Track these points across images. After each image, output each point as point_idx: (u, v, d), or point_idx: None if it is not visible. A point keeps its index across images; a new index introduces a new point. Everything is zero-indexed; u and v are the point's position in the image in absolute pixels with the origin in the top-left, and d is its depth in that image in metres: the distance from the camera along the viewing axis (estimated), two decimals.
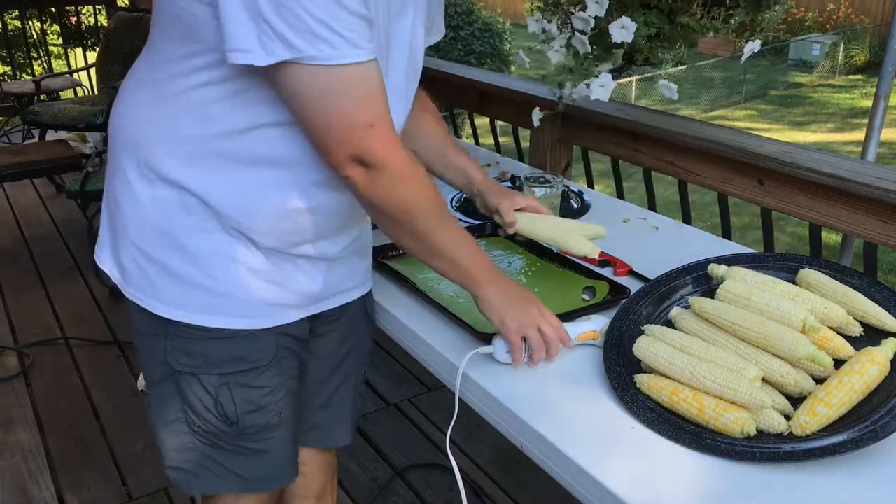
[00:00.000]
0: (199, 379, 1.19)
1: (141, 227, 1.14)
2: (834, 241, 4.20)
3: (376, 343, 1.49)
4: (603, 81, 1.65)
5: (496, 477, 2.38)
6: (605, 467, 0.99)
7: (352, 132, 1.00)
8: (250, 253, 1.14)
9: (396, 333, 1.40)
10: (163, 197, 1.11)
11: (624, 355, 1.18)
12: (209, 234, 1.12)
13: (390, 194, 1.06)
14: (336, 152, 1.02)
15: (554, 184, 1.63)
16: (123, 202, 1.16)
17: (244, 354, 1.19)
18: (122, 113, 1.17)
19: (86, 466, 2.43)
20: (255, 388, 1.22)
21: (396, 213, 1.09)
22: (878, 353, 1.07)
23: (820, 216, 1.73)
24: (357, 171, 1.03)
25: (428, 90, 1.40)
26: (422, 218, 1.10)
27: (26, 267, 3.78)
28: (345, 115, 0.99)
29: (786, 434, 1.01)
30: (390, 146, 1.04)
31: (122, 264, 1.19)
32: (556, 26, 1.69)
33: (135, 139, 1.13)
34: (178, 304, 1.16)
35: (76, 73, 6.17)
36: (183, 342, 1.18)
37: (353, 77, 0.98)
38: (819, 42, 14.64)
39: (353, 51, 0.96)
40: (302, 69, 0.95)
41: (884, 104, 1.84)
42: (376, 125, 1.01)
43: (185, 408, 1.21)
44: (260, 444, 1.26)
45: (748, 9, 1.60)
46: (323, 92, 0.97)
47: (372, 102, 1.01)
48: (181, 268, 1.14)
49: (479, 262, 1.17)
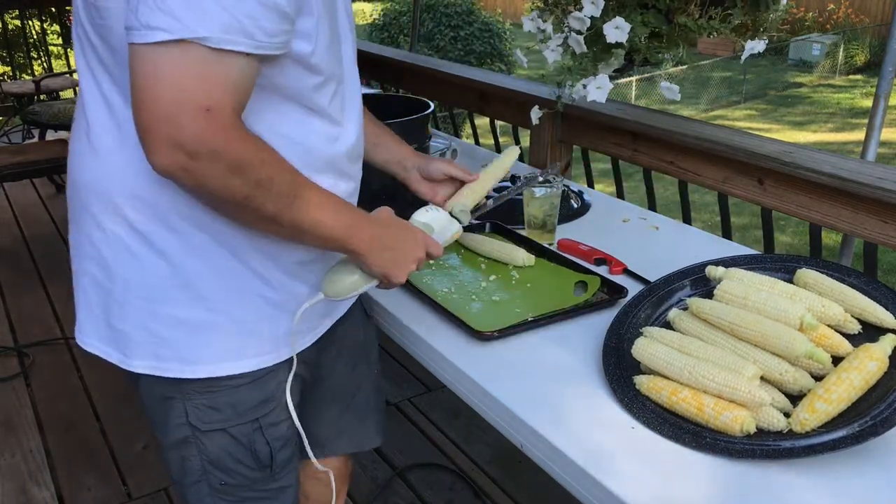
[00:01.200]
0: (229, 433, 1.13)
1: (142, 282, 1.05)
2: (834, 241, 4.20)
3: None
4: (600, 82, 1.65)
5: (496, 477, 2.38)
6: (605, 467, 0.99)
7: (184, 114, 0.87)
8: (264, 283, 1.09)
9: (396, 333, 1.40)
10: (162, 240, 1.03)
11: (623, 357, 1.19)
12: (225, 271, 1.05)
13: (224, 185, 0.91)
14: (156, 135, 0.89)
15: (554, 184, 1.63)
16: (116, 264, 1.06)
17: (272, 393, 1.14)
18: (82, 157, 1.07)
19: (86, 466, 2.43)
20: (282, 423, 1.18)
21: (238, 201, 0.94)
22: (877, 349, 1.07)
23: (820, 216, 1.73)
24: (180, 161, 0.89)
25: (428, 90, 1.40)
26: (270, 197, 0.94)
27: (26, 267, 3.78)
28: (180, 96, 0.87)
29: (785, 431, 1.01)
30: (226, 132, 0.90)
31: (122, 336, 1.09)
32: (551, 25, 1.69)
33: (107, 182, 1.04)
34: (205, 360, 1.08)
35: (76, 73, 6.17)
36: (206, 398, 1.11)
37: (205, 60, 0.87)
38: (819, 42, 14.63)
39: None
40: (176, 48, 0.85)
41: (884, 104, 1.84)
42: (213, 110, 0.88)
43: (209, 468, 1.15)
44: (284, 480, 1.23)
45: (746, 9, 1.60)
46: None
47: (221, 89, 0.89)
48: (202, 318, 1.06)
49: (352, 232, 1.05)
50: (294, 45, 0.96)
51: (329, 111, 1.08)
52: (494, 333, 1.26)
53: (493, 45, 10.95)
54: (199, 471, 1.16)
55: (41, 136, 4.81)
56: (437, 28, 10.79)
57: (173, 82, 0.85)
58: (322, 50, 1.01)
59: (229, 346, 1.08)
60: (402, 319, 1.37)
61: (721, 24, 1.59)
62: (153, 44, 0.84)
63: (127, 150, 1.00)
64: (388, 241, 1.10)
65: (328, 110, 1.08)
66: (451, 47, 10.71)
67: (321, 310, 1.20)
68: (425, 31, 10.72)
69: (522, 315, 1.33)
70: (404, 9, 11.13)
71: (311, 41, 0.98)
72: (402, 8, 11.24)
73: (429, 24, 10.77)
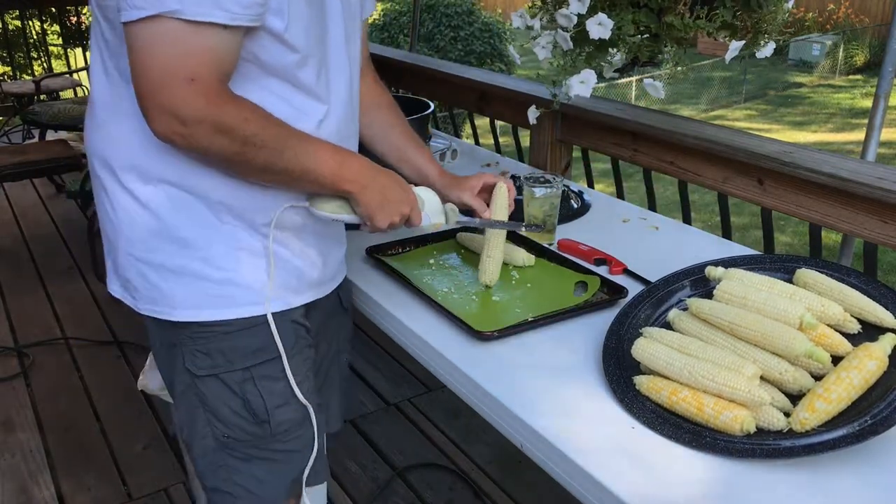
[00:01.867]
0: (221, 380, 1.19)
1: (136, 236, 1.15)
2: (834, 241, 4.20)
3: (376, 343, 1.49)
4: (584, 77, 1.64)
5: (496, 477, 2.38)
6: (605, 467, 0.99)
7: (171, 83, 0.97)
8: (250, 237, 1.16)
9: (396, 333, 1.40)
10: (150, 199, 1.12)
11: (623, 358, 1.19)
12: (207, 224, 1.13)
13: (214, 145, 1.02)
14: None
15: (554, 184, 1.63)
16: (112, 216, 1.17)
17: (264, 344, 1.19)
18: (90, 128, 1.19)
19: (86, 466, 2.43)
20: (281, 379, 1.22)
21: (229, 157, 1.05)
22: (876, 348, 1.07)
23: (820, 216, 1.73)
24: (171, 126, 0.99)
25: (428, 90, 1.41)
26: (259, 151, 1.05)
27: (26, 267, 3.78)
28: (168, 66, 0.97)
29: (785, 430, 1.01)
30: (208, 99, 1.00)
31: (128, 282, 1.20)
32: (538, 23, 1.68)
33: (106, 149, 1.15)
34: (191, 305, 1.16)
35: (76, 73, 6.18)
36: (200, 344, 1.18)
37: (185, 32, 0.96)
38: (819, 42, 14.64)
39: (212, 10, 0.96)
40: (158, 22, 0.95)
41: (884, 104, 1.84)
42: (197, 80, 0.98)
43: (211, 419, 1.21)
44: (292, 444, 1.26)
45: (737, 8, 1.59)
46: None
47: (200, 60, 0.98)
48: (188, 266, 1.14)
49: (342, 174, 1.14)
50: (267, 19, 1.04)
51: (316, 90, 1.16)
52: (494, 333, 1.26)
53: (493, 45, 10.95)
54: (204, 421, 1.21)
55: (41, 136, 4.80)
56: (437, 28, 10.78)
57: (157, 55, 0.96)
58: (298, 29, 1.08)
59: (213, 292, 1.16)
60: (402, 319, 1.37)
61: (708, 23, 1.58)
62: (138, 21, 0.94)
63: (121, 121, 1.11)
64: (378, 187, 1.18)
65: (315, 89, 1.15)
66: (451, 47, 10.71)
67: (312, 278, 1.27)
68: (425, 31, 10.72)
69: (522, 315, 1.33)
70: (404, 9, 11.12)
71: (283, 18, 1.05)
72: (402, 8, 11.23)
73: (429, 24, 10.77)
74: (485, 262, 1.42)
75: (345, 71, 1.23)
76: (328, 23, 1.17)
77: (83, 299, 3.47)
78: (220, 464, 1.23)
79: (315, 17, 1.12)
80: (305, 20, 1.10)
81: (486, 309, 1.37)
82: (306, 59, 1.12)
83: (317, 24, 1.13)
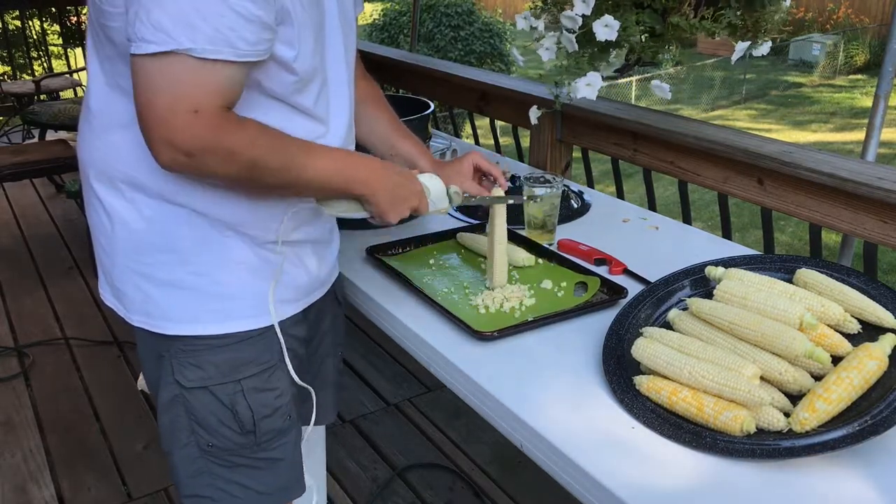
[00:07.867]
0: (211, 392, 1.18)
1: (133, 248, 1.15)
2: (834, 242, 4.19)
3: (376, 343, 1.49)
4: (590, 80, 1.64)
5: (496, 477, 2.38)
6: (605, 467, 0.99)
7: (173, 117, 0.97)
8: (248, 250, 1.16)
9: (396, 333, 1.40)
10: (148, 211, 1.12)
11: (623, 358, 1.19)
12: (205, 237, 1.13)
13: (222, 171, 1.03)
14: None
15: (554, 184, 1.63)
16: (108, 226, 1.16)
17: (255, 356, 1.20)
18: (86, 136, 1.18)
19: (86, 466, 2.43)
20: (268, 391, 1.22)
21: (239, 180, 1.06)
22: (876, 348, 1.07)
23: (820, 216, 1.73)
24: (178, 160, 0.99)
25: (428, 90, 1.41)
26: (268, 170, 1.06)
27: (26, 267, 3.78)
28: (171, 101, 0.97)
29: (785, 431, 1.01)
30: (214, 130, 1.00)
31: (121, 294, 1.19)
32: (542, 24, 1.68)
33: (103, 159, 1.14)
34: (187, 318, 1.16)
35: (76, 73, 6.18)
36: (192, 356, 1.17)
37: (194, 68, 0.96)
38: (819, 42, 14.63)
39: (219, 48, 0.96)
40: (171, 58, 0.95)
41: (884, 104, 1.84)
42: (201, 111, 0.98)
43: (196, 428, 1.20)
44: (275, 452, 1.26)
45: (739, 8, 1.59)
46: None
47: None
48: (185, 279, 1.14)
49: (352, 178, 1.16)
50: (277, 49, 1.04)
51: (315, 112, 1.16)
52: (494, 333, 1.26)
53: (493, 45, 10.94)
54: (188, 430, 1.21)
55: (41, 136, 4.81)
56: (437, 28, 10.78)
57: (165, 89, 0.96)
58: (306, 55, 1.09)
59: (211, 307, 1.16)
60: (402, 319, 1.36)
61: (713, 24, 1.58)
62: (147, 55, 0.95)
63: (120, 132, 1.11)
64: (390, 186, 1.20)
65: (314, 111, 1.16)
66: (451, 47, 10.70)
67: (306, 285, 1.27)
68: (425, 31, 10.72)
69: (522, 315, 1.33)
70: (404, 9, 11.12)
71: (293, 47, 1.06)
72: (402, 8, 11.23)
73: (429, 24, 10.77)
74: (491, 266, 1.42)
75: (344, 83, 1.23)
76: (327, 41, 1.17)
77: (83, 299, 3.47)
78: (204, 470, 1.23)
79: (317, 39, 1.12)
80: (311, 44, 1.10)
81: (487, 309, 1.37)
82: (308, 82, 1.13)
83: (318, 44, 1.13)
